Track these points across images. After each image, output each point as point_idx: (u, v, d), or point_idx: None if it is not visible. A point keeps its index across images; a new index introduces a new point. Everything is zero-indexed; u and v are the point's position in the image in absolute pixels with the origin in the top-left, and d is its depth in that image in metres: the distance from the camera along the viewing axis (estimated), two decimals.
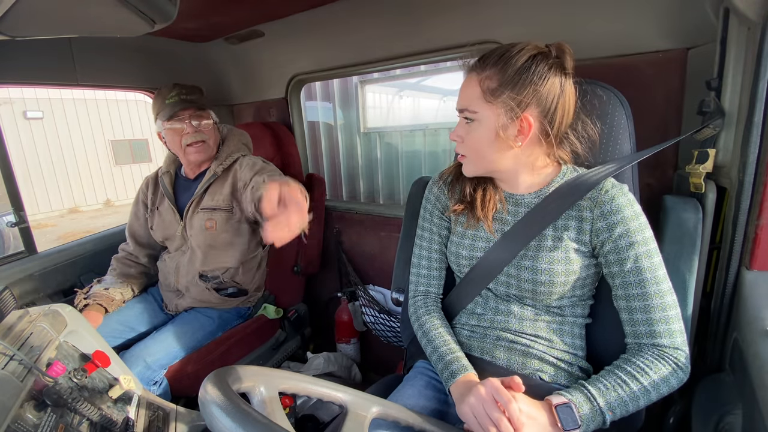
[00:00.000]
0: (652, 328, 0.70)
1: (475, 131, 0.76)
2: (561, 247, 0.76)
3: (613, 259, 0.73)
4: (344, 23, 1.47)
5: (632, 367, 0.68)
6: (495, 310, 0.85)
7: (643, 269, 0.70)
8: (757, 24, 0.68)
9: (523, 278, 0.79)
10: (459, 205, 0.87)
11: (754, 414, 0.59)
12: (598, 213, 0.74)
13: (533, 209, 0.79)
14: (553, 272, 0.76)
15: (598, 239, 0.75)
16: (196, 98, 1.32)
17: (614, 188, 0.75)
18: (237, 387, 0.53)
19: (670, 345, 0.69)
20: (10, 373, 0.69)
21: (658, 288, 0.70)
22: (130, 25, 0.75)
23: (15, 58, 1.32)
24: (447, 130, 2.92)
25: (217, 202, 1.36)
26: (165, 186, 1.45)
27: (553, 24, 1.11)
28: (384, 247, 1.75)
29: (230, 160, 1.39)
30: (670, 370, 0.67)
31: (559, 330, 0.81)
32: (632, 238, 0.71)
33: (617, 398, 0.66)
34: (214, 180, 1.38)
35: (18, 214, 1.45)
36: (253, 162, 1.36)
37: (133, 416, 0.84)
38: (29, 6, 0.60)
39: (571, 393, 0.67)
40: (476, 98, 0.74)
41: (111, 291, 1.38)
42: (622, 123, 0.82)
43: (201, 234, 1.37)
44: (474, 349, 0.85)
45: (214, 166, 1.37)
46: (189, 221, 1.39)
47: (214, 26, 1.58)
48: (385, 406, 0.67)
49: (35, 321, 0.89)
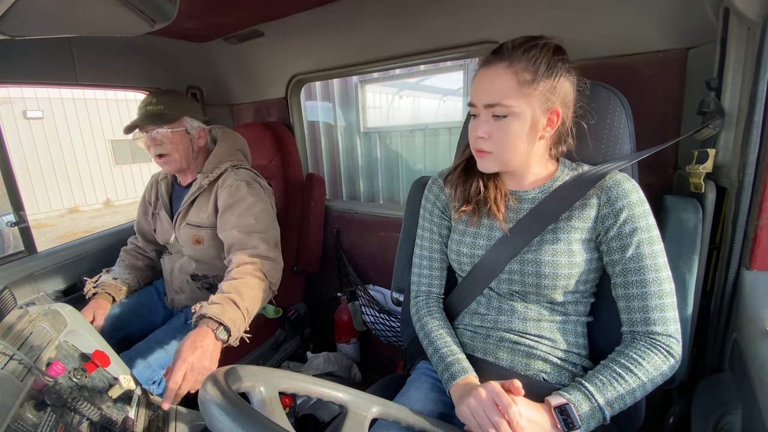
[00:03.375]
0: (646, 315, 0.70)
1: (509, 125, 0.73)
2: (564, 239, 0.76)
3: (616, 246, 0.73)
4: (344, 23, 1.47)
5: (626, 360, 0.68)
6: (498, 310, 0.84)
7: (643, 256, 0.71)
8: (757, 24, 0.68)
9: (527, 272, 0.78)
10: (467, 206, 0.85)
11: (753, 414, 0.59)
12: (605, 199, 0.74)
13: (538, 205, 0.79)
14: (556, 264, 0.76)
15: (603, 225, 0.75)
16: (160, 110, 1.25)
17: (618, 175, 0.75)
18: (237, 387, 0.53)
19: (663, 332, 0.69)
20: (10, 373, 0.69)
21: (657, 275, 0.70)
22: (130, 24, 0.75)
23: (15, 57, 1.32)
24: (447, 129, 2.92)
25: (202, 220, 1.32)
26: (161, 193, 1.44)
27: (553, 24, 1.11)
28: (384, 246, 1.75)
29: (217, 172, 1.31)
30: (663, 359, 0.68)
31: (562, 329, 0.81)
32: (636, 223, 0.71)
33: (615, 393, 0.66)
34: (201, 193, 1.33)
35: (18, 214, 1.45)
36: (234, 188, 1.27)
37: (132, 416, 0.84)
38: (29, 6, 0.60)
39: (569, 392, 0.67)
40: (512, 91, 0.71)
41: (119, 281, 1.41)
42: (622, 123, 0.82)
43: (190, 246, 1.36)
44: (477, 350, 0.85)
45: (200, 179, 1.31)
46: (178, 232, 1.38)
47: (213, 26, 1.58)
48: (386, 406, 0.67)
49: (35, 321, 0.89)
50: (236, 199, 1.26)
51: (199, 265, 1.38)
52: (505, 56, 0.72)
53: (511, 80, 0.71)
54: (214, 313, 0.97)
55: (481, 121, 0.76)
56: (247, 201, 1.26)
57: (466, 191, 0.85)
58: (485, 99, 0.73)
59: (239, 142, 1.45)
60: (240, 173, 1.33)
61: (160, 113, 1.24)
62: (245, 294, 1.06)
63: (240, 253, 1.18)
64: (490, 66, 0.73)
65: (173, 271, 1.42)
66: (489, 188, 0.83)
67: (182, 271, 1.40)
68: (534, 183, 0.82)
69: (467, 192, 0.85)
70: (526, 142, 0.74)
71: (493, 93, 0.72)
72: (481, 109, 0.75)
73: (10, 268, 1.42)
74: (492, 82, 0.72)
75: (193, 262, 1.38)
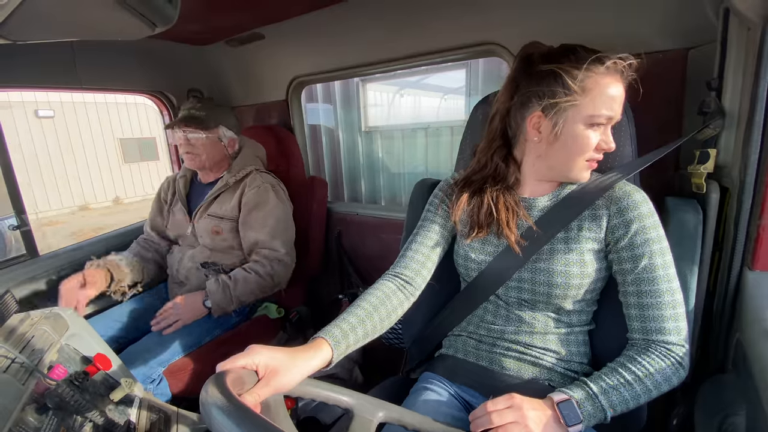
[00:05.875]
0: (662, 325, 0.70)
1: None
2: (576, 249, 0.76)
3: (627, 256, 0.73)
4: (345, 25, 1.47)
5: (637, 367, 0.68)
6: (506, 319, 0.83)
7: (656, 266, 0.71)
8: (757, 24, 0.68)
9: (538, 281, 0.78)
10: (480, 232, 0.82)
11: (757, 415, 0.59)
12: (615, 209, 0.74)
13: (548, 212, 0.79)
14: (569, 274, 0.75)
15: (614, 236, 0.74)
16: (202, 115, 1.40)
17: (628, 185, 0.76)
18: (240, 390, 0.53)
19: (677, 342, 0.69)
20: (12, 376, 0.69)
21: (670, 285, 0.70)
22: (131, 28, 0.75)
23: (17, 62, 1.32)
24: (449, 128, 2.92)
25: (225, 212, 1.44)
26: (179, 189, 1.56)
27: (553, 25, 1.11)
28: (385, 248, 1.75)
29: (243, 173, 1.47)
30: (673, 369, 0.68)
31: (567, 340, 0.81)
32: (648, 234, 0.71)
33: (619, 397, 0.65)
34: (225, 189, 1.46)
35: (20, 218, 1.45)
36: (262, 189, 1.44)
37: (134, 419, 0.84)
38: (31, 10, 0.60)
39: (573, 390, 0.67)
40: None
41: (123, 263, 1.43)
42: (623, 126, 0.82)
43: (208, 236, 1.45)
44: (482, 359, 0.84)
45: (226, 177, 1.46)
46: (197, 223, 1.46)
47: (214, 29, 1.58)
48: (392, 410, 0.67)
49: (36, 324, 0.89)
50: (263, 200, 1.43)
51: (214, 254, 1.46)
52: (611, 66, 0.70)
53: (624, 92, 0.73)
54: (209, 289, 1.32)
55: (607, 133, 0.74)
56: (271, 203, 1.45)
57: (476, 215, 0.83)
58: (617, 111, 0.72)
59: (260, 151, 1.62)
60: (265, 176, 1.51)
61: (201, 118, 1.40)
62: (240, 288, 1.34)
63: (262, 251, 1.42)
64: (618, 78, 0.71)
65: (182, 260, 1.48)
66: (500, 210, 0.80)
67: (192, 259, 1.46)
68: (544, 190, 0.82)
69: (477, 216, 0.83)
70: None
71: (620, 105, 0.73)
72: (607, 120, 0.73)
73: (11, 272, 1.42)
74: (620, 95, 0.72)
75: (208, 251, 1.46)
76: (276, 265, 1.41)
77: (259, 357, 0.57)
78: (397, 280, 0.83)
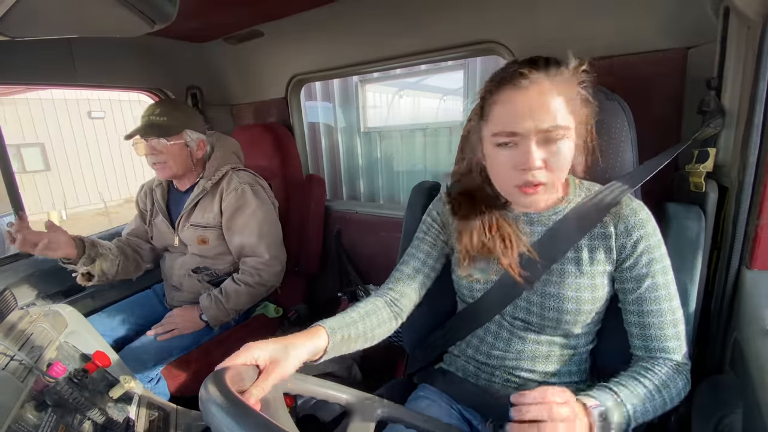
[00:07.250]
0: (665, 344, 0.70)
1: (565, 147, 0.65)
2: (587, 273, 0.73)
3: (630, 276, 0.71)
4: (344, 23, 1.47)
5: (658, 381, 0.66)
6: (507, 343, 0.80)
7: (659, 286, 0.70)
8: (757, 23, 0.68)
9: (548, 307, 0.74)
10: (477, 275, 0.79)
11: (754, 414, 0.59)
12: (622, 228, 0.71)
13: (552, 228, 0.75)
14: (580, 300, 0.72)
15: (621, 256, 0.72)
16: (163, 121, 1.29)
17: (633, 202, 0.73)
18: (239, 387, 0.53)
19: (682, 361, 0.69)
20: (11, 374, 0.69)
21: (671, 305, 0.70)
22: (130, 25, 0.75)
23: (14, 58, 1.32)
24: (447, 129, 2.92)
25: (208, 220, 1.37)
26: (158, 200, 1.46)
27: (553, 24, 1.10)
28: (384, 246, 1.75)
29: (218, 174, 1.38)
30: (683, 385, 0.68)
31: (571, 361, 0.79)
32: (652, 254, 0.70)
33: (643, 410, 0.63)
34: (204, 195, 1.38)
35: (18, 215, 1.45)
36: (240, 192, 1.35)
37: (133, 416, 0.84)
38: (29, 7, 0.60)
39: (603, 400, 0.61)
40: (563, 110, 0.63)
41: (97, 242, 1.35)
42: (624, 131, 0.81)
43: (195, 246, 1.40)
44: (481, 381, 0.83)
45: (203, 182, 1.37)
46: (181, 233, 1.41)
47: (213, 26, 1.58)
48: (391, 408, 0.67)
49: (36, 321, 0.89)
50: (241, 204, 1.36)
51: (205, 260, 1.42)
52: (542, 72, 0.64)
53: (559, 98, 0.63)
54: (203, 305, 1.34)
55: (534, 150, 0.63)
56: (251, 205, 1.37)
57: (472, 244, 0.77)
58: (543, 123, 0.62)
59: (234, 146, 1.52)
60: (241, 176, 1.41)
61: (162, 125, 1.29)
62: (233, 300, 1.35)
63: (248, 261, 1.39)
64: (535, 83, 0.63)
65: (173, 267, 1.45)
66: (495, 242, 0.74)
67: (183, 266, 1.43)
68: (547, 205, 0.77)
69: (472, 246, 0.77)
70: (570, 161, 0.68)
71: (551, 115, 0.62)
72: (529, 136, 0.64)
73: (10, 269, 1.42)
74: (546, 103, 0.63)
75: (198, 258, 1.42)
76: (263, 272, 1.38)
77: (257, 351, 0.57)
78: (386, 297, 0.83)
